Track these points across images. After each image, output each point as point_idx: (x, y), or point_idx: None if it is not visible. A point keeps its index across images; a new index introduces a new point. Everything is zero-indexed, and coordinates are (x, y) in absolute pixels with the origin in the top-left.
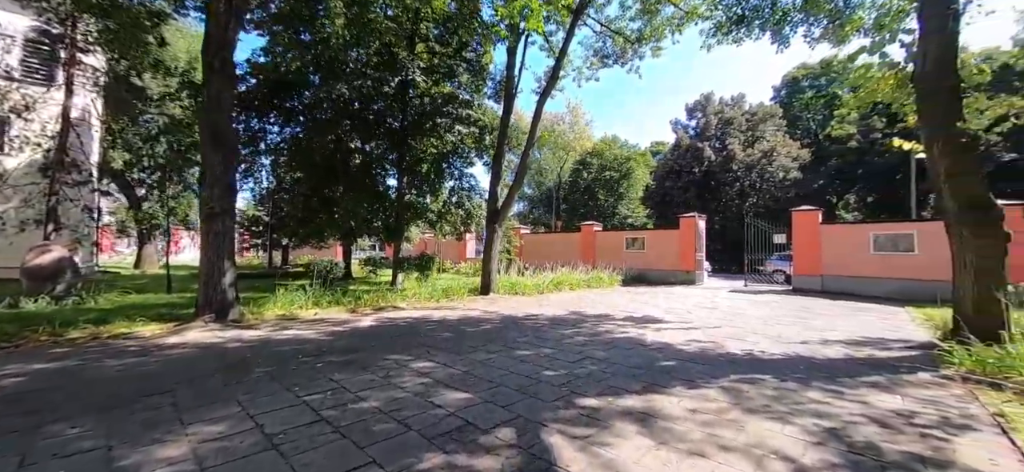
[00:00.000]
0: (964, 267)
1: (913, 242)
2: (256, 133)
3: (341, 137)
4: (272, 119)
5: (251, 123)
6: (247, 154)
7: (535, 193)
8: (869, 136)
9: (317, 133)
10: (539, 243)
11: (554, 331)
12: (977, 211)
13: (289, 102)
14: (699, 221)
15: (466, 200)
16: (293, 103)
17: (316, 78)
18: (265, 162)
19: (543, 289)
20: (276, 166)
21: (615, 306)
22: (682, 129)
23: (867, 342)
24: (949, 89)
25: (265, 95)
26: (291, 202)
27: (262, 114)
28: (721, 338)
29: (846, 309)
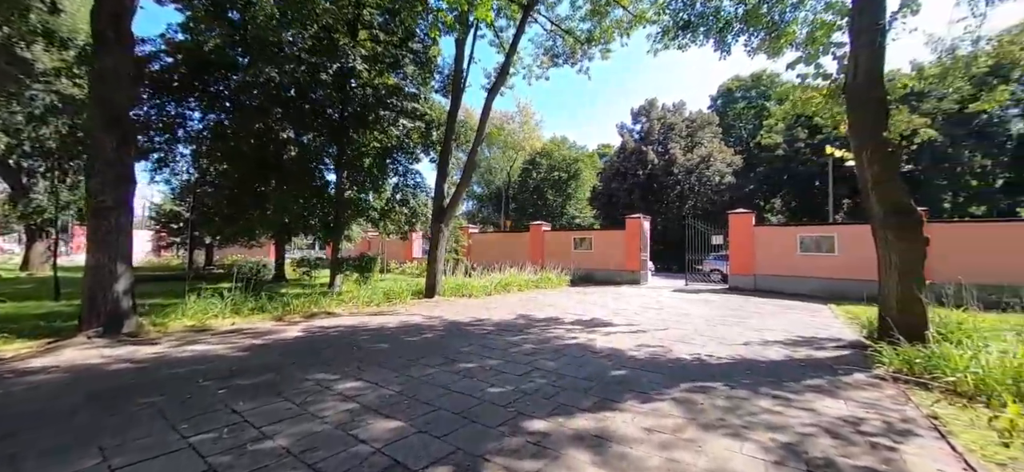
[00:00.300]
0: (889, 268)
1: (834, 244)
2: (173, 119)
3: (271, 126)
4: (193, 104)
5: (167, 107)
6: (162, 142)
7: (484, 192)
8: (794, 145)
9: (244, 121)
10: (488, 243)
11: (501, 338)
12: (900, 215)
13: (215, 86)
14: (644, 222)
15: (411, 197)
16: (219, 87)
17: (245, 60)
18: (185, 151)
19: (491, 291)
20: (198, 156)
21: (564, 308)
22: (628, 132)
23: (802, 341)
24: (876, 100)
25: (185, 76)
26: (215, 197)
27: (181, 98)
28: (669, 341)
29: (778, 307)
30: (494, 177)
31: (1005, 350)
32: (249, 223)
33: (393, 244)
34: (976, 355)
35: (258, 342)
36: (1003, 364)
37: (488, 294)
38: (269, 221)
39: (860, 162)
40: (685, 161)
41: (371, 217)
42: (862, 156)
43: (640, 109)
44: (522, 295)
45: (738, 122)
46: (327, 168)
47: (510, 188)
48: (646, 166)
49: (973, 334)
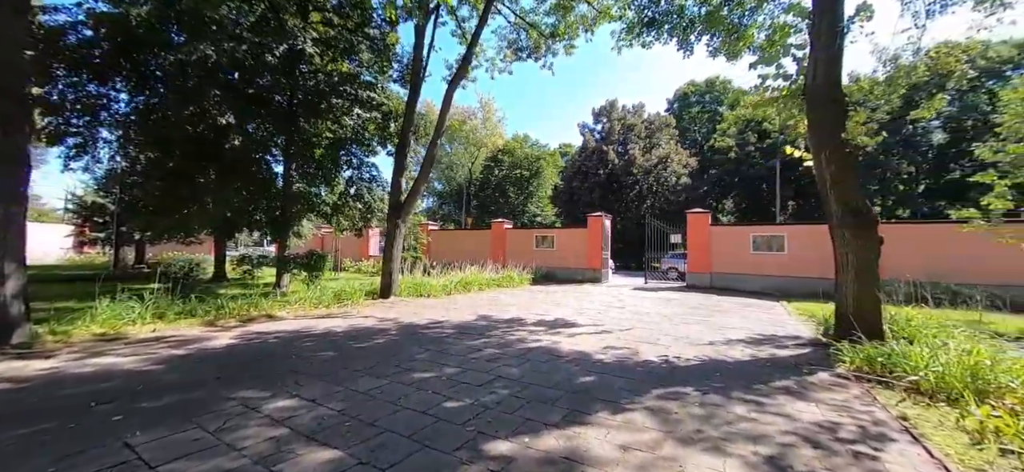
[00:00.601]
0: (846, 267)
1: (784, 243)
2: (95, 100)
3: (208, 110)
4: (119, 84)
5: (87, 86)
6: (81, 126)
7: (446, 189)
8: (745, 149)
9: (176, 103)
10: (449, 240)
11: (460, 343)
12: (857, 215)
13: (145, 65)
14: (606, 221)
15: (366, 192)
16: (151, 66)
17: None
18: (110, 136)
19: (451, 290)
20: (125, 142)
21: (526, 308)
22: (589, 132)
23: (763, 339)
24: (835, 102)
25: (109, 53)
26: (146, 188)
27: (104, 76)
28: (635, 342)
29: (735, 304)
30: (455, 174)
31: (965, 349)
32: (186, 218)
33: (348, 241)
34: (935, 353)
35: (179, 353)
36: (961, 362)
37: (448, 294)
38: (208, 215)
39: (819, 163)
40: (644, 162)
41: (322, 212)
42: (821, 157)
43: (601, 109)
44: (483, 294)
45: (693, 126)
46: (275, 159)
47: (472, 185)
48: (607, 165)
49: (923, 330)
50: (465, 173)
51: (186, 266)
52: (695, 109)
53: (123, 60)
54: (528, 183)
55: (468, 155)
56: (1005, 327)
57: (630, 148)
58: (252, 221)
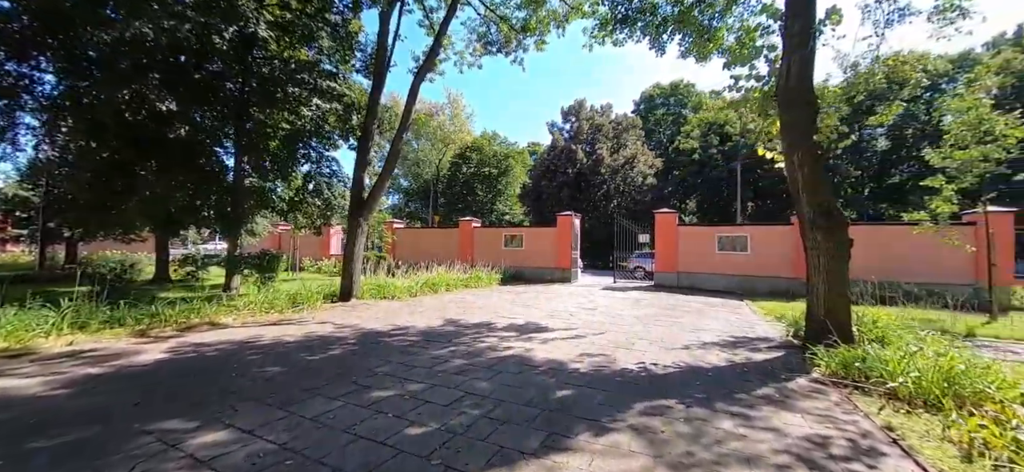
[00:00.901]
0: (817, 269)
1: (747, 243)
2: (16, 81)
3: (146, 95)
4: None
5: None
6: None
7: (412, 186)
8: (708, 151)
9: (110, 86)
10: (415, 239)
11: (426, 352)
12: (829, 217)
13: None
14: (575, 220)
15: (326, 187)
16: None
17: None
18: (33, 122)
19: (416, 291)
20: (54, 129)
21: (496, 311)
22: (558, 131)
23: (737, 342)
24: (808, 103)
25: (33, 29)
26: (77, 180)
27: (25, 53)
28: (610, 348)
29: (703, 304)
30: (422, 170)
31: (939, 354)
32: (124, 213)
33: (308, 240)
34: (911, 358)
35: (97, 371)
36: (937, 366)
37: (413, 295)
38: (149, 210)
39: (791, 164)
40: (611, 162)
41: (278, 208)
42: (793, 158)
43: (570, 109)
44: (451, 296)
45: (658, 128)
46: (226, 151)
47: (439, 182)
48: (575, 164)
49: (890, 331)
50: (432, 170)
51: (118, 267)
52: (660, 112)
53: (49, 37)
54: (497, 181)
55: (435, 152)
56: (954, 326)
57: (598, 148)
58: (200, 217)
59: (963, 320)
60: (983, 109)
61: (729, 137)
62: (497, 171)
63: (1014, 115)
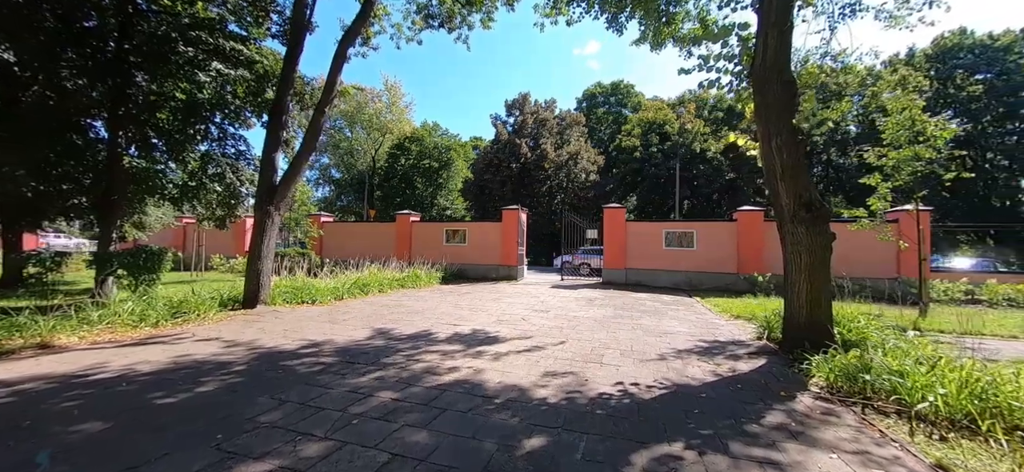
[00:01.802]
0: (798, 267)
1: (694, 239)
2: None
3: None
4: None
5: None
6: None
7: (345, 177)
8: (648, 149)
9: None
10: (346, 235)
11: (341, 383)
12: (812, 209)
13: None
14: (521, 214)
15: (230, 171)
16: None
17: None
18: None
19: (343, 294)
20: None
21: (437, 315)
22: (502, 124)
23: (712, 348)
24: (785, 83)
25: None
26: None
27: None
28: (577, 362)
29: (657, 303)
30: (356, 161)
31: (955, 364)
32: None
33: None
34: (937, 371)
35: None
36: (964, 379)
37: (339, 299)
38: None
39: (768, 151)
40: (556, 157)
41: (169, 195)
42: (771, 145)
43: (514, 102)
44: (384, 299)
45: (600, 126)
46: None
47: (375, 174)
48: (519, 159)
49: (867, 331)
50: (368, 161)
51: None
52: (601, 110)
53: None
54: (438, 174)
55: (371, 141)
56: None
57: (542, 143)
58: (68, 204)
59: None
60: (915, 110)
61: (668, 137)
62: (438, 164)
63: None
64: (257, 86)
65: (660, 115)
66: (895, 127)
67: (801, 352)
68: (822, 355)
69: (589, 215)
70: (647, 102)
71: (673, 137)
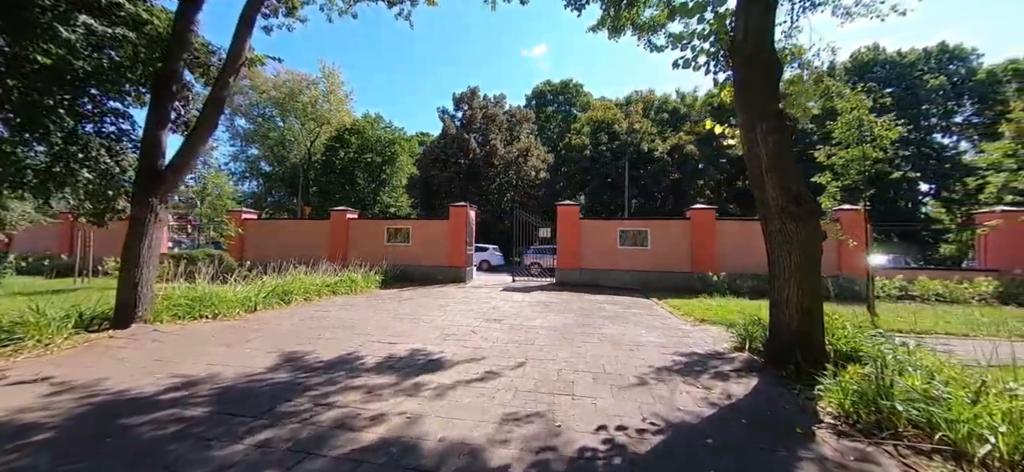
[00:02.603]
0: (788, 269)
1: (647, 238)
2: None
3: None
4: None
5: None
6: None
7: (276, 170)
8: (598, 148)
9: None
10: (273, 233)
11: (200, 454)
12: (802, 204)
13: None
14: (470, 211)
15: (106, 154)
16: None
17: None
18: None
19: (257, 304)
20: None
21: (370, 330)
22: (449, 117)
23: (690, 363)
24: (768, 63)
25: None
26: None
27: None
28: (543, 396)
29: (617, 307)
30: (289, 153)
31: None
32: None
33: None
34: (985, 401)
35: None
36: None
37: (251, 310)
38: None
39: (752, 139)
40: (505, 153)
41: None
42: (756, 131)
43: (462, 96)
44: (309, 309)
45: (549, 125)
46: None
47: (311, 168)
48: (468, 154)
49: (858, 339)
50: (302, 153)
51: None
52: (550, 109)
53: None
54: (381, 170)
55: (307, 132)
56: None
57: (491, 138)
58: None
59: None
60: (862, 110)
61: (617, 136)
62: (381, 158)
63: (889, 117)
64: (147, 53)
65: (609, 115)
66: (844, 127)
67: (794, 367)
68: (821, 371)
69: (539, 213)
70: (595, 102)
71: (622, 136)
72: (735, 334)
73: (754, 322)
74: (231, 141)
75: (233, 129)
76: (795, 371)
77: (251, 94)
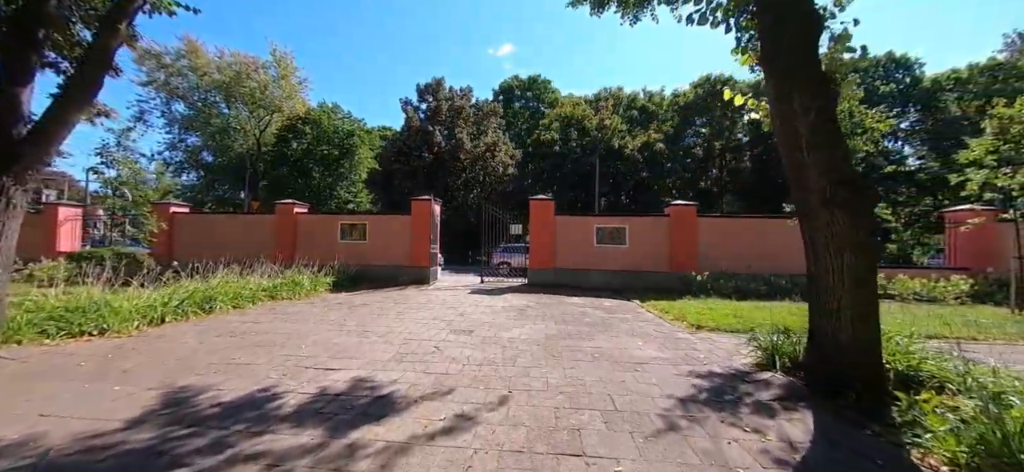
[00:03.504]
0: (838, 271)
1: (625, 236)
2: None
3: None
4: None
5: None
6: None
7: (219, 161)
8: (568, 144)
9: None
10: (208, 229)
11: None
12: (852, 187)
13: None
14: (435, 206)
15: None
16: None
17: None
18: None
19: (165, 315)
20: None
21: (301, 350)
22: (413, 109)
23: (719, 391)
24: (806, 16)
25: None
26: None
27: None
28: (540, 455)
29: (600, 311)
30: (234, 143)
31: None
32: None
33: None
34: None
35: None
36: None
37: (156, 323)
38: None
39: (785, 112)
40: (472, 148)
41: None
42: (792, 101)
43: (427, 87)
44: (232, 320)
45: (516, 121)
46: None
47: (260, 159)
48: (432, 148)
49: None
50: (250, 143)
51: None
52: (518, 105)
53: None
54: (338, 163)
55: (255, 121)
56: None
57: (458, 132)
58: None
59: None
60: (853, 102)
61: (587, 132)
62: (339, 151)
63: (880, 109)
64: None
65: (578, 111)
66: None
67: (854, 396)
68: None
69: (507, 210)
70: (564, 99)
71: (592, 133)
72: (755, 347)
73: (777, 331)
74: (167, 128)
75: (170, 114)
76: (857, 401)
77: (190, 76)
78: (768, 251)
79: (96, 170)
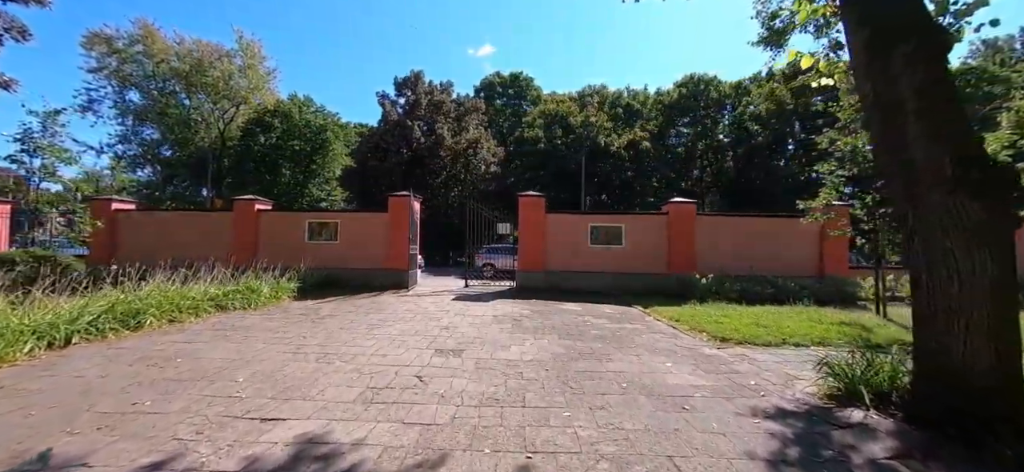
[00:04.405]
0: (969, 281)
1: (622, 235)
2: None
3: None
4: None
5: None
6: None
7: (178, 155)
8: (552, 142)
9: None
10: (156, 229)
11: None
12: (983, 169)
13: None
14: (414, 203)
15: None
16: None
17: None
18: None
19: (71, 334)
20: None
21: (235, 388)
22: (391, 103)
23: (802, 441)
24: None
25: None
26: None
27: None
28: None
29: (605, 321)
30: (195, 136)
31: None
32: None
33: None
34: None
35: None
36: None
37: (60, 345)
38: None
39: (878, 72)
40: (453, 144)
41: None
42: (887, 59)
43: (405, 80)
44: (158, 340)
45: (498, 118)
46: None
47: (224, 154)
48: (411, 144)
49: None
50: (213, 137)
51: None
52: (499, 102)
53: None
54: (310, 159)
55: (218, 113)
56: (883, 329)
57: (438, 127)
58: None
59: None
60: None
61: (572, 129)
62: (310, 146)
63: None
64: None
65: (562, 108)
66: (852, 109)
67: (1014, 455)
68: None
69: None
70: (547, 96)
71: (577, 130)
72: (826, 373)
73: (866, 358)
74: (119, 119)
75: (123, 104)
76: (1014, 460)
77: (145, 63)
78: (770, 251)
79: (15, 158)
